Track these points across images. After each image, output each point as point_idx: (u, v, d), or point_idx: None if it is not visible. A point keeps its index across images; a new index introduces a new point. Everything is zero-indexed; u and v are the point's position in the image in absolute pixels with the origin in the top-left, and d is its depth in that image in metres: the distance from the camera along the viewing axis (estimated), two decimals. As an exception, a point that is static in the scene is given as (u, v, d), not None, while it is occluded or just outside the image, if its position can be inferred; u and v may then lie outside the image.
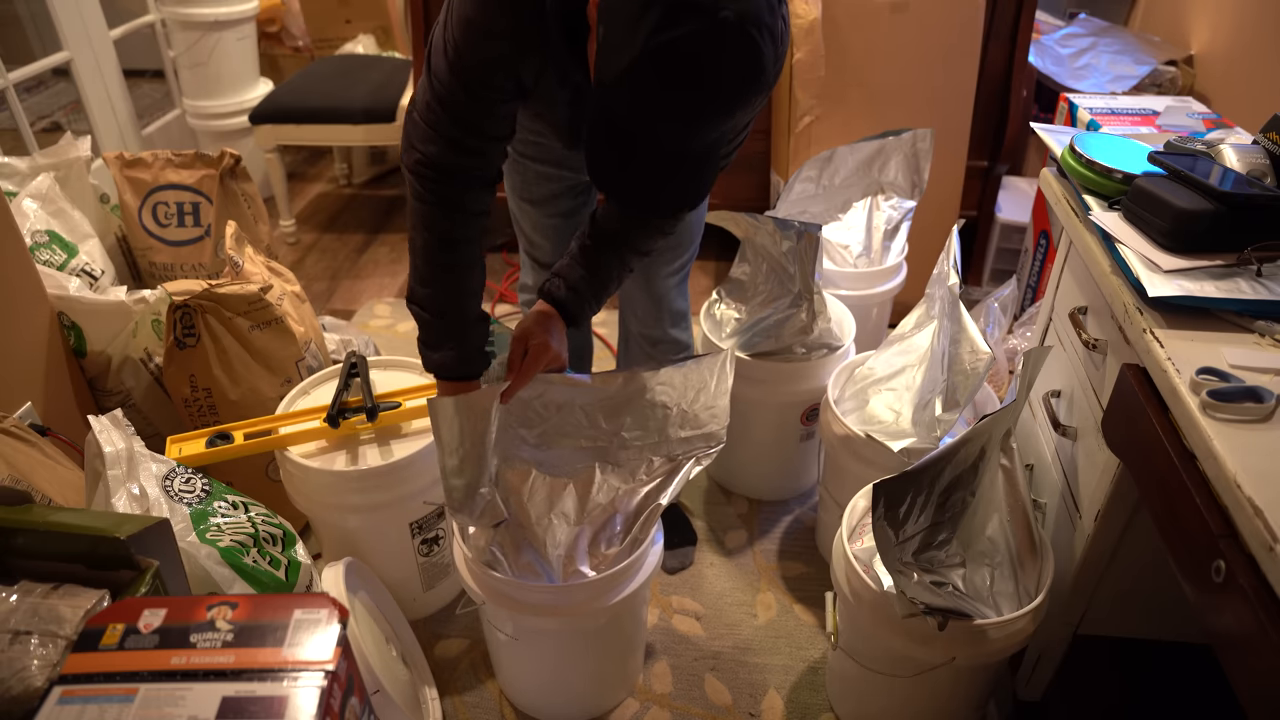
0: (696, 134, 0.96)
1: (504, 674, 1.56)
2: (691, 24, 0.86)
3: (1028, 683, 1.43)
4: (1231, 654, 0.82)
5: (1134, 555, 1.22)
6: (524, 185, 1.52)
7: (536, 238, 1.60)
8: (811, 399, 1.83)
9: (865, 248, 2.12)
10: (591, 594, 1.30)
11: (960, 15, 2.22)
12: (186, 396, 1.71)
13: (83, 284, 1.78)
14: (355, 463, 1.49)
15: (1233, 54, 2.17)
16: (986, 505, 1.30)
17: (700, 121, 0.94)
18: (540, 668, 1.48)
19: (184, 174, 2.15)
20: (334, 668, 0.78)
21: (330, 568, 1.43)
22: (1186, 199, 1.14)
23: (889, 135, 2.11)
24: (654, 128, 0.95)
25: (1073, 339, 1.34)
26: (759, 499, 2.01)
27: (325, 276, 2.96)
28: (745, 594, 1.77)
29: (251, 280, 1.75)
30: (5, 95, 2.56)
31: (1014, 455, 1.28)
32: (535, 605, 1.30)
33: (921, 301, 1.72)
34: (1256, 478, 0.82)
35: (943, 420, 1.48)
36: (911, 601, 1.18)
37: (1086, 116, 1.79)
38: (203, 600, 0.84)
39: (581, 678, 1.50)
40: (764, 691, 1.58)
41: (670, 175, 1.00)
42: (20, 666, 0.83)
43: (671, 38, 0.86)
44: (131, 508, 1.20)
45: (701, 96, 0.91)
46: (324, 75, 3.11)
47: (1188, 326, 1.06)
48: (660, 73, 0.89)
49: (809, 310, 1.73)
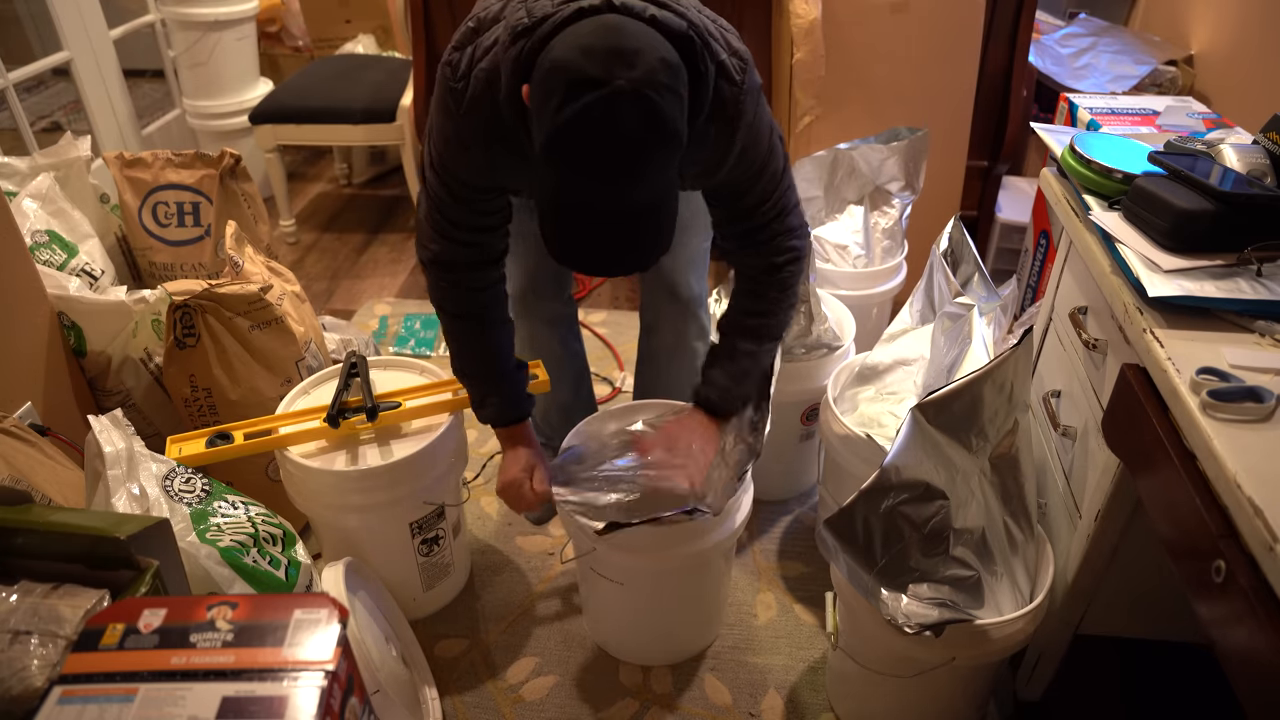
0: (626, 196, 1.00)
1: (605, 625, 1.65)
2: (589, 97, 0.92)
3: (1028, 683, 1.43)
4: (1231, 654, 0.82)
5: (1134, 555, 1.22)
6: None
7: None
8: (811, 399, 1.83)
9: (864, 248, 2.12)
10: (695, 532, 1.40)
11: (960, 15, 2.22)
12: (186, 396, 1.71)
13: (83, 284, 1.78)
14: (355, 463, 1.49)
15: (1233, 54, 2.17)
16: (979, 507, 1.30)
17: (623, 184, 0.98)
18: (644, 610, 1.57)
19: (184, 174, 2.14)
20: (334, 668, 0.78)
21: (330, 568, 1.43)
22: (1186, 199, 1.14)
23: (888, 135, 2.11)
24: (585, 196, 1.00)
25: (1073, 339, 1.34)
26: (759, 499, 1.99)
27: (325, 276, 2.96)
28: (745, 594, 1.77)
29: (251, 280, 1.75)
30: (5, 95, 2.56)
31: (1019, 454, 1.28)
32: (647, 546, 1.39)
33: (916, 294, 1.72)
34: (1256, 478, 0.82)
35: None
36: (903, 627, 1.19)
37: (1086, 116, 1.79)
38: (203, 600, 0.84)
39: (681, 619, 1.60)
40: (764, 691, 1.58)
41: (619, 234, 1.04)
42: (20, 666, 0.83)
43: (573, 112, 0.93)
44: (131, 508, 1.20)
45: (615, 163, 0.96)
46: (324, 75, 3.11)
47: (1188, 326, 1.06)
48: (571, 147, 0.96)
49: (806, 313, 1.73)
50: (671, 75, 0.97)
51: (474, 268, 1.32)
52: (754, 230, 1.31)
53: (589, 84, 0.92)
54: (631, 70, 0.93)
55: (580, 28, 0.97)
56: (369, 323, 2.67)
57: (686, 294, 1.66)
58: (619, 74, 0.92)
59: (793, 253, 1.34)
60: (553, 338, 1.74)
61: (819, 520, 1.89)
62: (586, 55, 0.93)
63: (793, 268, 1.35)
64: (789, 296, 1.38)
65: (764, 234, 1.31)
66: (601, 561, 1.46)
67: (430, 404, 1.56)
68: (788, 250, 1.33)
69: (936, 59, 2.26)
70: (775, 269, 1.34)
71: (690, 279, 1.65)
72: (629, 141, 0.95)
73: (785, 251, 1.33)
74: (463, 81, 1.12)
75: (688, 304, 1.67)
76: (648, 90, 0.93)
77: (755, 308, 1.38)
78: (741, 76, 1.13)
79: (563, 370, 1.76)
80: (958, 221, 1.80)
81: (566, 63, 0.94)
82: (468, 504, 1.97)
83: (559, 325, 1.74)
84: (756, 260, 1.34)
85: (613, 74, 0.92)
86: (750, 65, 1.16)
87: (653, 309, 1.72)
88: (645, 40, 0.96)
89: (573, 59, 0.94)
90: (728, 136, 1.15)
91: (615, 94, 0.92)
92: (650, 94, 0.94)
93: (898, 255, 2.15)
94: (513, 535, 1.91)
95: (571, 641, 1.68)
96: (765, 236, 1.31)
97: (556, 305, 1.72)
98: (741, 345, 1.39)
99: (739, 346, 1.39)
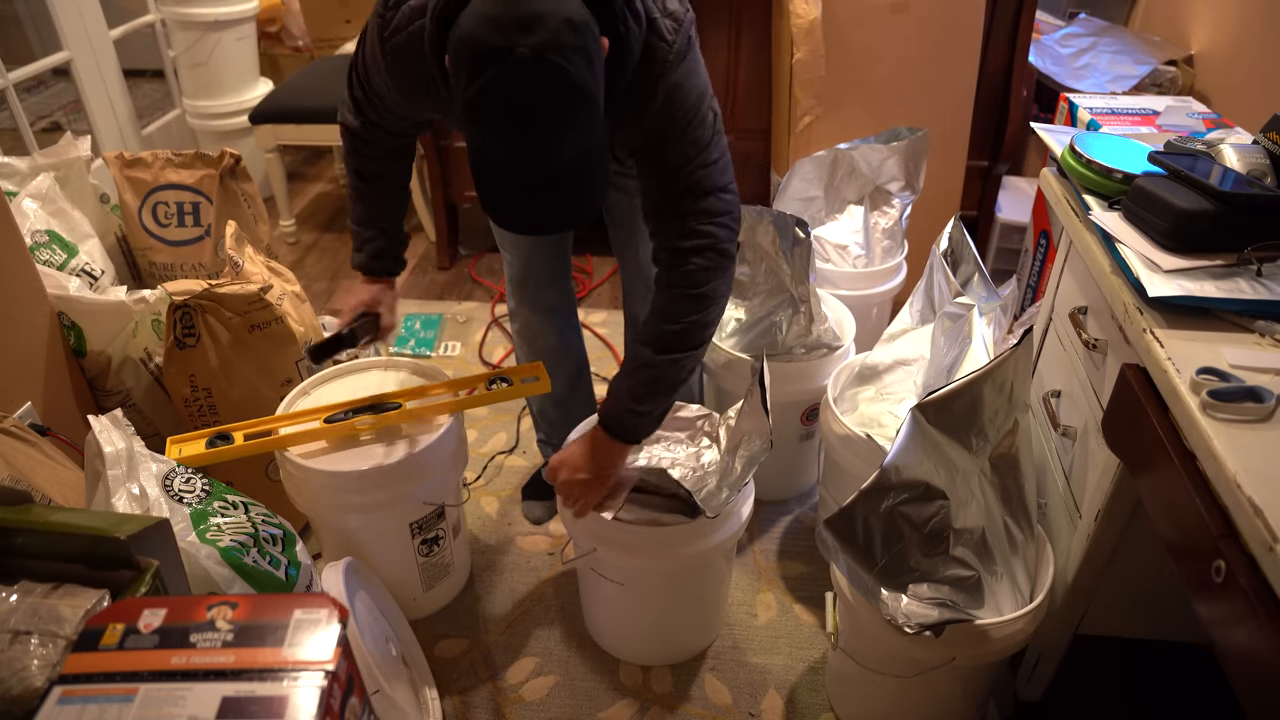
0: (547, 156, 1.03)
1: (605, 625, 1.65)
2: (493, 68, 0.96)
3: (1028, 683, 1.43)
4: (1231, 654, 0.82)
5: (1134, 555, 1.22)
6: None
7: (512, 255, 1.69)
8: (811, 399, 1.83)
9: (865, 248, 2.12)
10: (696, 533, 1.41)
11: (960, 15, 2.22)
12: (186, 396, 1.71)
13: (83, 284, 1.78)
14: (355, 463, 1.49)
15: (1233, 54, 2.17)
16: (979, 507, 1.30)
17: (540, 146, 1.02)
18: (645, 611, 1.58)
19: (184, 174, 2.14)
20: (334, 668, 0.78)
21: (330, 568, 1.43)
22: (1186, 199, 1.14)
23: (888, 135, 2.11)
24: (506, 159, 1.03)
25: (1073, 339, 1.34)
26: (759, 499, 2.00)
27: (325, 276, 2.96)
28: (745, 594, 1.77)
29: (251, 280, 1.75)
30: (5, 95, 2.56)
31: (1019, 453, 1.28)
32: (648, 546, 1.40)
33: (916, 294, 1.72)
34: (1256, 478, 0.83)
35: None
36: (903, 627, 1.19)
37: (1086, 116, 1.79)
38: (203, 600, 0.84)
39: (682, 620, 1.60)
40: (764, 691, 1.58)
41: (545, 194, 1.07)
42: (20, 666, 0.83)
43: (481, 84, 0.97)
44: (131, 508, 1.20)
45: (528, 128, 0.99)
46: (324, 75, 3.10)
47: (1188, 326, 1.06)
48: (484, 115, 0.99)
49: (806, 313, 1.73)
50: (577, 34, 0.98)
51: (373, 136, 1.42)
52: (663, 202, 1.22)
53: (491, 55, 0.95)
54: (530, 36, 0.95)
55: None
56: (369, 323, 2.67)
57: None
58: (520, 41, 0.95)
59: (705, 239, 1.21)
60: (550, 329, 1.74)
61: (819, 520, 1.89)
62: (489, 24, 0.96)
63: (700, 259, 1.21)
64: (696, 302, 1.23)
65: (673, 207, 1.21)
66: (602, 562, 1.46)
67: (431, 406, 1.55)
68: (698, 234, 1.21)
69: (936, 59, 2.26)
70: (680, 255, 1.22)
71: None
72: (538, 106, 0.98)
73: (694, 235, 1.21)
74: (391, 11, 1.19)
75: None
76: (549, 54, 0.95)
77: (658, 306, 1.26)
78: (673, 37, 1.15)
79: (559, 363, 1.76)
80: (958, 221, 1.80)
81: (471, 34, 0.97)
82: (468, 504, 1.97)
83: (556, 316, 1.74)
84: (662, 240, 1.24)
85: (514, 41, 0.95)
86: (685, 26, 1.17)
87: (635, 300, 1.72)
88: (550, 4, 0.97)
89: (476, 29, 0.97)
90: (650, 88, 1.16)
91: (518, 61, 0.95)
92: (552, 57, 0.96)
93: (898, 255, 2.15)
94: (513, 535, 1.91)
95: (571, 641, 1.68)
96: (675, 210, 1.21)
97: (553, 295, 1.72)
98: (641, 353, 1.28)
99: (640, 354, 1.28)
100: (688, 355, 1.28)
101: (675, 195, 1.22)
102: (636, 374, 1.30)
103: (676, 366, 1.28)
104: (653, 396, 1.32)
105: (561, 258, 1.70)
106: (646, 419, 1.34)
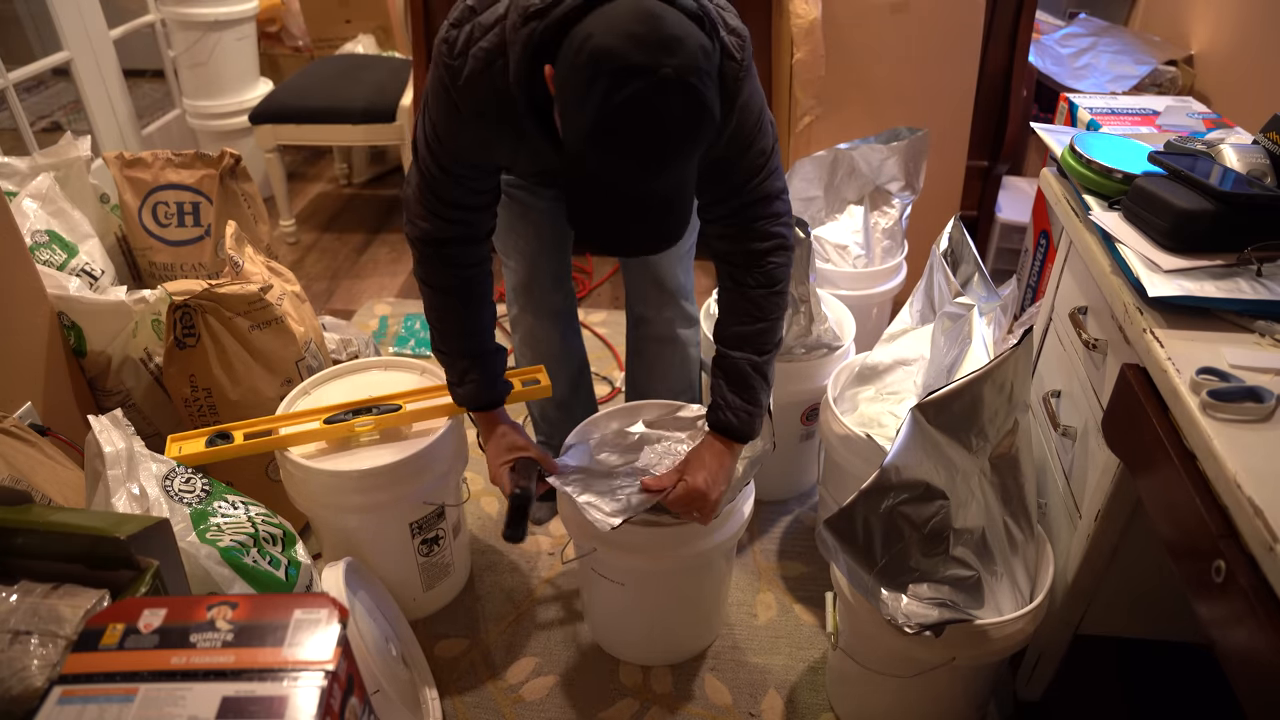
0: (659, 180, 1.02)
1: (605, 625, 1.65)
2: (636, 85, 0.94)
3: (1028, 683, 1.43)
4: (1231, 654, 0.82)
5: (1134, 555, 1.22)
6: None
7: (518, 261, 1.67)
8: (811, 399, 1.83)
9: (865, 248, 2.12)
10: (696, 533, 1.40)
11: (960, 15, 2.22)
12: (186, 396, 1.71)
13: (83, 284, 1.78)
14: (355, 463, 1.49)
15: (1233, 54, 2.17)
16: (979, 507, 1.30)
17: (661, 169, 1.01)
18: (645, 611, 1.57)
19: (184, 174, 2.14)
20: (334, 668, 0.78)
21: (330, 568, 1.43)
22: (1186, 199, 1.14)
23: (888, 135, 2.11)
24: (618, 179, 1.02)
25: (1073, 339, 1.34)
26: (759, 499, 2.00)
27: (325, 276, 2.96)
28: (745, 594, 1.77)
29: (251, 280, 1.75)
30: (5, 95, 2.56)
31: (1019, 452, 1.28)
32: (648, 546, 1.40)
33: (916, 294, 1.72)
34: (1256, 478, 0.82)
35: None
36: (903, 627, 1.19)
37: (1086, 116, 1.79)
38: (203, 600, 0.84)
39: (682, 619, 1.60)
40: (764, 691, 1.58)
41: (640, 218, 1.07)
42: (20, 666, 0.83)
43: (621, 100, 0.95)
44: (131, 508, 1.20)
45: (658, 149, 0.99)
46: (324, 75, 3.11)
47: (1188, 326, 1.06)
48: (616, 134, 0.97)
49: (806, 313, 1.73)
50: (708, 60, 1.00)
51: (461, 244, 1.33)
52: (738, 210, 1.28)
53: (636, 72, 0.94)
54: (674, 57, 0.95)
55: (613, 12, 0.98)
56: (369, 323, 2.67)
57: (673, 284, 1.66)
58: (665, 62, 0.94)
59: (777, 239, 1.29)
60: (553, 332, 1.74)
61: (819, 520, 1.89)
62: (631, 41, 0.95)
63: (776, 258, 1.30)
64: (778, 298, 1.32)
65: (747, 214, 1.28)
66: (602, 562, 1.46)
67: (431, 407, 1.55)
68: (772, 236, 1.29)
69: (936, 59, 2.26)
70: (758, 257, 1.29)
71: (677, 270, 1.65)
72: (674, 128, 0.98)
73: (769, 237, 1.29)
74: (460, 59, 1.14)
75: (674, 293, 1.67)
76: (690, 78, 0.96)
77: (745, 310, 1.33)
78: (741, 54, 1.15)
79: (562, 366, 1.76)
80: (958, 221, 1.80)
81: (610, 49, 0.95)
82: (468, 504, 1.97)
83: (559, 320, 1.74)
84: (738, 246, 1.30)
85: (659, 61, 0.94)
86: (747, 42, 1.18)
87: (640, 300, 1.72)
88: (685, 28, 0.98)
89: (617, 45, 0.95)
90: (728, 109, 1.16)
91: (663, 81, 0.94)
92: (693, 81, 0.96)
93: (898, 255, 2.15)
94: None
95: (571, 641, 1.68)
96: (748, 217, 1.28)
97: (557, 298, 1.72)
98: (739, 357, 1.33)
99: (736, 359, 1.34)
100: (779, 342, 1.38)
101: (747, 204, 1.28)
102: (751, 378, 1.33)
103: (774, 355, 1.37)
104: (768, 388, 1.38)
105: (564, 258, 1.70)
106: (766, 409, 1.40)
